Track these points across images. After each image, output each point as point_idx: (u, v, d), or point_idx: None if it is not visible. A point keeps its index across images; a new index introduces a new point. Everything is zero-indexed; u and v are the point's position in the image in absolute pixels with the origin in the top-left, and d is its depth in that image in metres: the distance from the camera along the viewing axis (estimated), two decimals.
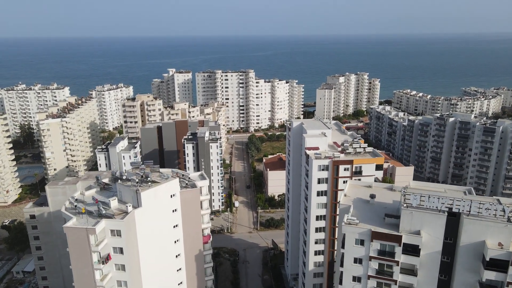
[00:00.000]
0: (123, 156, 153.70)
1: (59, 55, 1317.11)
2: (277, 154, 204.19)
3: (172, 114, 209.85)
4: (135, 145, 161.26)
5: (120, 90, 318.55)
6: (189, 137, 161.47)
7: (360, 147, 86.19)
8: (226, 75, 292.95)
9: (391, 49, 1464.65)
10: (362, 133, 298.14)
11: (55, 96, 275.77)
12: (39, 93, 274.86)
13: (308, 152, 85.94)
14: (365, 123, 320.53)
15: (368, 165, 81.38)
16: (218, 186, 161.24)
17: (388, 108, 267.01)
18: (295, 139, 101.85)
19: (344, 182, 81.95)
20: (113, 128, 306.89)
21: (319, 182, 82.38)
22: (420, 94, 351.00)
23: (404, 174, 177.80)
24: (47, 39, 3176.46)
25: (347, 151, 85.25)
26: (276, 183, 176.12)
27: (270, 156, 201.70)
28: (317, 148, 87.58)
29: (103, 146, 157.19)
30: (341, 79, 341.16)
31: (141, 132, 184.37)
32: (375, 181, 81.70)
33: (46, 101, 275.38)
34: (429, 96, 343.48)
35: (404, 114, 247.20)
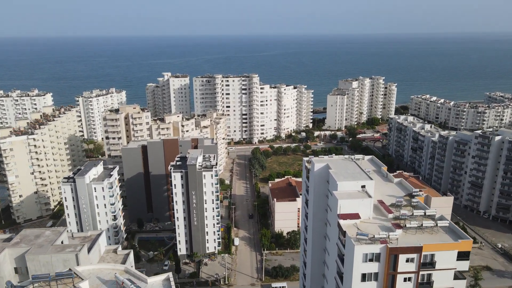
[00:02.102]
0: (95, 188, 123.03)
1: (61, 55, 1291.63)
2: (285, 177, 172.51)
3: (163, 129, 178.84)
4: (112, 172, 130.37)
5: (111, 96, 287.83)
6: (178, 163, 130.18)
7: (426, 216, 54.51)
8: (227, 80, 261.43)
9: (400, 49, 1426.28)
10: (379, 145, 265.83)
11: (35, 104, 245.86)
12: (17, 100, 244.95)
13: (343, 224, 54.51)
14: (382, 133, 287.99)
15: (446, 253, 50.02)
16: (214, 224, 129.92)
17: (410, 118, 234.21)
18: (318, 187, 70.53)
19: (406, 279, 50.35)
20: (102, 138, 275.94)
21: (364, 279, 51.12)
22: (442, 100, 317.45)
23: (441, 205, 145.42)
24: (52, 38, 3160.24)
25: (407, 226, 53.55)
26: (285, 216, 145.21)
27: (277, 180, 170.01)
28: (356, 216, 56.07)
29: (70, 175, 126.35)
30: (355, 84, 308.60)
31: (122, 152, 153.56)
32: (455, 277, 49.92)
33: (25, 109, 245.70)
34: (452, 102, 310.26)
35: (431, 127, 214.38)
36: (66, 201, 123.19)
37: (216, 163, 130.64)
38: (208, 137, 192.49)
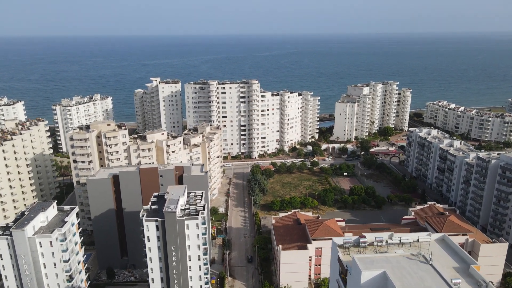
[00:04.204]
0: (40, 243, 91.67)
1: (57, 54, 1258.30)
2: (292, 211, 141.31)
3: (143, 150, 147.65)
4: (66, 218, 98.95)
5: (94, 104, 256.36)
6: (153, 206, 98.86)
7: None
8: (224, 87, 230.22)
9: (402, 49, 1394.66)
10: (396, 161, 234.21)
11: (3, 115, 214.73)
12: None
13: None
14: (398, 146, 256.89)
15: None
16: (201, 286, 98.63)
17: (434, 132, 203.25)
18: None
19: None
20: None
21: None
22: (462, 108, 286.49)
23: (492, 254, 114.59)
24: (50, 37, 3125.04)
25: None
26: (293, 268, 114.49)
27: (281, 214, 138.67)
28: None
29: (10, 223, 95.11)
30: (365, 90, 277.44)
31: (88, 184, 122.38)
32: None
33: None
34: (473, 111, 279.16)
35: (461, 143, 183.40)
36: (2, 259, 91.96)
37: (204, 205, 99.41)
38: (199, 158, 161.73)
